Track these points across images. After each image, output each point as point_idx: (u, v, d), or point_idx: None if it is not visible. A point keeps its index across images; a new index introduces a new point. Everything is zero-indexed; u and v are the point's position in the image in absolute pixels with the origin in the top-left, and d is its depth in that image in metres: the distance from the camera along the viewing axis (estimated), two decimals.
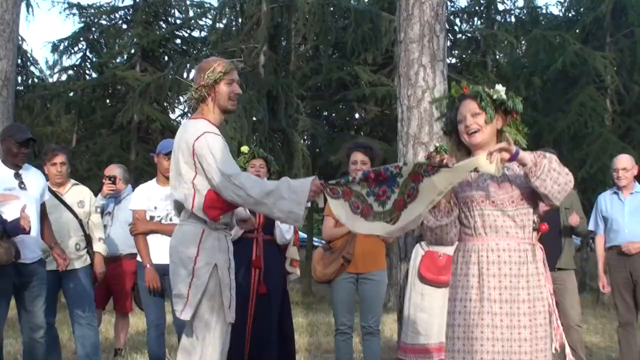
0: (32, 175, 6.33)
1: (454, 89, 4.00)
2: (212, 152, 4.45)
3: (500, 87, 3.89)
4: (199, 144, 4.49)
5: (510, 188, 3.80)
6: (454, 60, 21.71)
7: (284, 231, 6.66)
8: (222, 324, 4.63)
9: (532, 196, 3.80)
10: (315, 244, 21.23)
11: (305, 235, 22.21)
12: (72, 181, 7.33)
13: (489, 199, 3.77)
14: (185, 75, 19.00)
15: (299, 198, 4.25)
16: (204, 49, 20.78)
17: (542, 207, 4.19)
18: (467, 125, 3.82)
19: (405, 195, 3.94)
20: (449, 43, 21.08)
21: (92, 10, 22.39)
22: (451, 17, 21.31)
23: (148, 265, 6.42)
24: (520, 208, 3.79)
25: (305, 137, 19.94)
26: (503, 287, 3.71)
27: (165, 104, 21.28)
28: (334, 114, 21.25)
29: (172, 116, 22.25)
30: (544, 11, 23.11)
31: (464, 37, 22.13)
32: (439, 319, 6.60)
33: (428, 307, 6.67)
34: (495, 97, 3.84)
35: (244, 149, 6.88)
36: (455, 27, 22.01)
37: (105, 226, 7.94)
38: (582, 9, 21.33)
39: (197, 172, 4.54)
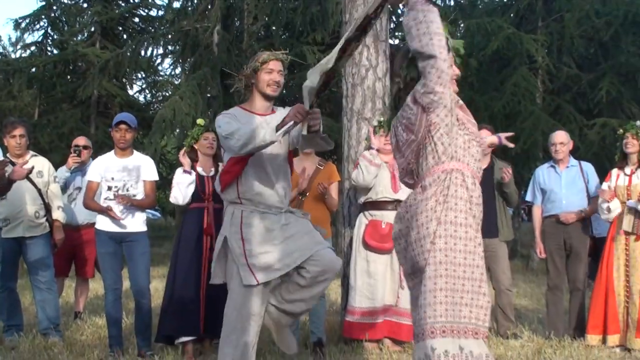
0: None
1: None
2: (220, 125, 4.91)
3: None
4: (215, 125, 5.00)
5: None
6: (397, 41, 21.66)
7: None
8: (238, 287, 4.90)
9: None
10: None
11: None
12: (31, 152, 7.26)
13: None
14: (142, 52, 18.80)
15: (272, 123, 4.60)
16: (161, 27, 20.50)
17: None
18: None
19: None
20: (392, 25, 21.05)
21: None
22: None
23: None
24: None
25: None
26: None
27: (124, 80, 21.04)
28: (284, 91, 21.14)
29: (130, 92, 22.04)
30: None
31: None
32: (382, 283, 6.70)
33: (373, 273, 6.74)
34: None
35: (200, 121, 6.85)
36: (399, 10, 21.99)
37: (75, 199, 7.95)
38: None
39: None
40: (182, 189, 6.46)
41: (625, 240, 7.11)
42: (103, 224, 6.51)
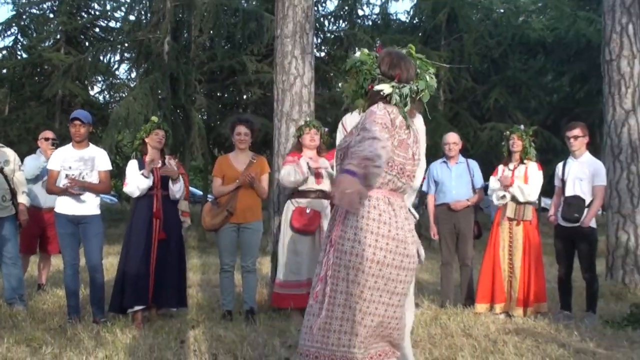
0: None
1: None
2: None
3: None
4: None
5: None
6: (322, 54, 21.70)
7: (175, 191, 6.54)
8: None
9: None
10: (209, 200, 21.22)
11: (201, 193, 22.16)
12: None
13: None
14: (102, 58, 18.59)
15: None
16: (119, 37, 20.23)
17: None
18: None
19: None
20: (318, 40, 21.10)
21: (24, 0, 21.59)
22: (321, 19, 21.30)
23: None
24: None
25: (202, 113, 19.71)
26: None
27: (85, 82, 20.74)
28: (225, 95, 21.02)
29: (91, 92, 21.76)
30: (394, 18, 23.40)
31: (331, 35, 22.17)
32: (306, 260, 6.71)
33: (299, 251, 6.75)
34: None
35: (154, 118, 6.80)
36: (325, 27, 22.03)
37: None
38: (423, 17, 21.72)
39: None
40: (139, 188, 6.38)
41: (509, 225, 7.27)
42: (61, 207, 6.38)
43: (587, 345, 5.59)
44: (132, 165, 6.53)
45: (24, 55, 21.10)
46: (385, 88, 3.39)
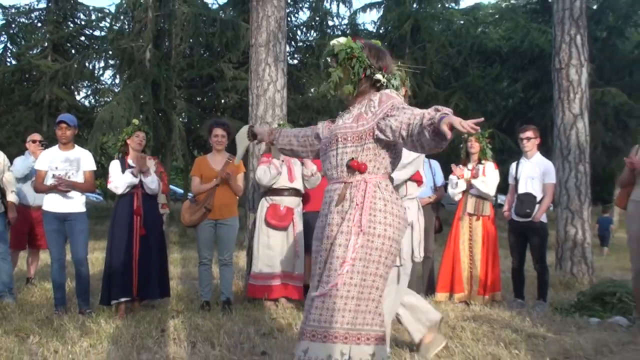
0: None
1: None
2: None
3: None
4: None
5: None
6: (295, 62, 21.72)
7: (148, 183, 6.48)
8: None
9: None
10: (189, 198, 21.18)
11: (182, 191, 22.06)
12: None
13: None
14: (87, 65, 18.46)
15: None
16: (103, 44, 20.09)
17: None
18: None
19: None
20: (291, 48, 21.11)
21: (13, 10, 21.44)
22: (293, 29, 21.32)
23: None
24: None
25: (182, 117, 19.63)
26: None
27: (71, 87, 20.60)
28: (204, 100, 20.96)
29: (77, 97, 21.61)
30: (362, 28, 23.46)
31: (303, 44, 22.19)
32: (279, 254, 6.73)
33: (273, 245, 6.75)
34: None
35: (135, 121, 6.73)
36: (297, 36, 22.05)
37: None
38: (389, 28, 21.83)
39: None
40: (125, 185, 6.34)
41: (469, 220, 7.31)
42: (49, 205, 6.32)
43: (538, 330, 5.67)
44: (115, 165, 6.51)
45: (13, 62, 20.99)
46: (382, 78, 3.35)
